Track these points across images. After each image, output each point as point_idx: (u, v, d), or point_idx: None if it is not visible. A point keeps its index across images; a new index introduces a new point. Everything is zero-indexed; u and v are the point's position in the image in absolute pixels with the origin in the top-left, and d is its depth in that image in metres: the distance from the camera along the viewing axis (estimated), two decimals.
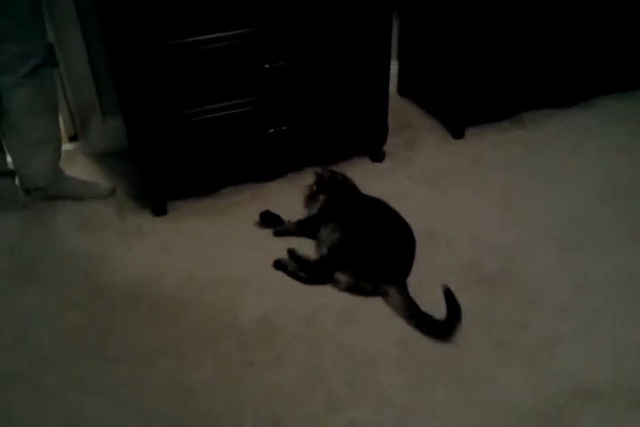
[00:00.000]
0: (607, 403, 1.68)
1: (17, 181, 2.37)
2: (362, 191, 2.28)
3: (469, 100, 2.71)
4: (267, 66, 2.21)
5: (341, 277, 1.99)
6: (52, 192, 2.37)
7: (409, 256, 2.06)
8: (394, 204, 2.18)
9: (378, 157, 2.62)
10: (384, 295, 1.97)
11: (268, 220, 2.25)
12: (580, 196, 2.43)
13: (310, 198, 2.25)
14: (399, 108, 2.91)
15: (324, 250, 2.03)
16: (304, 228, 2.19)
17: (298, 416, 1.66)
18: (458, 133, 2.74)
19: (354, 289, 2.00)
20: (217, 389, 1.73)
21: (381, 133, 2.59)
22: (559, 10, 2.58)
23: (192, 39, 2.07)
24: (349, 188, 2.27)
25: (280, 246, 2.15)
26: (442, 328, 1.84)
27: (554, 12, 2.58)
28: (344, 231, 2.03)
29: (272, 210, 2.26)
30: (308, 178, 2.48)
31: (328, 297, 2.00)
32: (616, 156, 2.66)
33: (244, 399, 1.70)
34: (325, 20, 2.24)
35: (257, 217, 2.26)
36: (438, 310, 1.88)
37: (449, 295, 1.85)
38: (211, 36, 2.09)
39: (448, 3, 2.57)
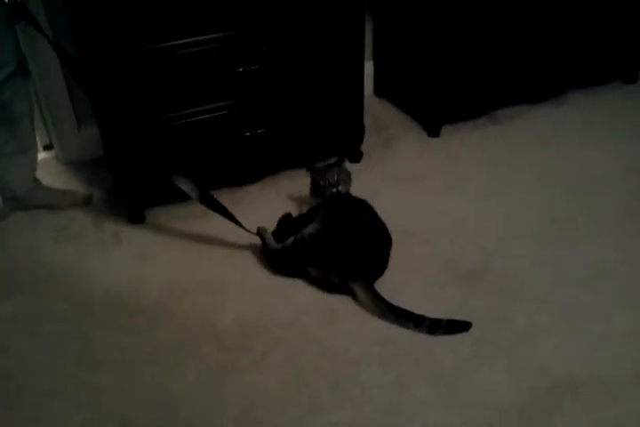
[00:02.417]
0: (587, 395, 1.70)
1: None
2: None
3: (444, 99, 2.71)
4: (241, 69, 2.20)
5: (310, 269, 2.02)
6: (29, 202, 2.35)
7: (380, 257, 2.05)
8: (372, 203, 2.17)
9: (355, 157, 2.62)
10: (353, 294, 1.98)
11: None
12: (558, 190, 2.45)
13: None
14: (375, 108, 2.91)
15: (290, 240, 2.05)
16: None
17: (281, 421, 1.66)
18: (434, 132, 2.75)
19: (322, 282, 2.01)
20: (199, 395, 1.73)
21: (358, 134, 2.59)
22: (531, 8, 2.60)
23: (165, 44, 2.07)
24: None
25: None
26: (419, 320, 1.86)
27: (525, 11, 2.59)
28: (317, 226, 2.04)
29: (249, 214, 2.25)
30: (284, 181, 2.49)
31: (307, 300, 2.00)
32: (591, 149, 2.68)
33: (227, 405, 1.70)
34: (298, 21, 2.23)
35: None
36: (416, 310, 1.89)
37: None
38: (184, 40, 2.08)
39: (422, 2, 2.58)
